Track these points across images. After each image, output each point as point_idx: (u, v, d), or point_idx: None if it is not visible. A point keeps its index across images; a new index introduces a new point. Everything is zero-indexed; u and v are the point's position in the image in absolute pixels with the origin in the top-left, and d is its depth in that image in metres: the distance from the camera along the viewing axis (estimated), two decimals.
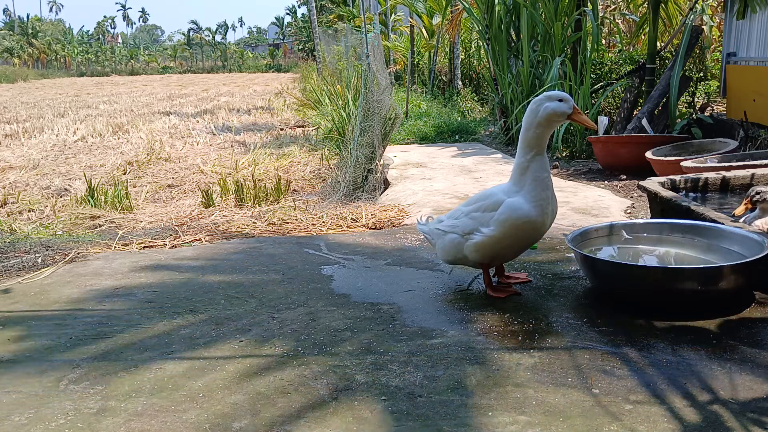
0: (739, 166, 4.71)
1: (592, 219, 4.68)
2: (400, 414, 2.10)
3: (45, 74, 53.91)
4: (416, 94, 15.56)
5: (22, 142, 11.49)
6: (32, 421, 2.13)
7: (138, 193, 7.16)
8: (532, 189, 2.95)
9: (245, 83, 33.61)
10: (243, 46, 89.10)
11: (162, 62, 74.06)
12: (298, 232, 4.74)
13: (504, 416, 2.07)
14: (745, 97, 7.16)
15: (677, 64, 7.32)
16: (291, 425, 2.06)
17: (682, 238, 3.33)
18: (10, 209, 6.50)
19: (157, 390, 2.31)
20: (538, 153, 2.98)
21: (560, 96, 2.94)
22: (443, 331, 2.74)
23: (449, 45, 16.19)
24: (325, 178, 7.80)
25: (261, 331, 2.80)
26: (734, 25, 7.62)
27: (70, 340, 2.77)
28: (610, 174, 6.67)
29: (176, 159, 9.30)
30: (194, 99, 21.86)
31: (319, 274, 3.58)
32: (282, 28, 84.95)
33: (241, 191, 6.35)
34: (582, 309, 2.94)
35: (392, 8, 20.00)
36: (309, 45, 46.50)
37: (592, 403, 2.13)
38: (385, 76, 7.42)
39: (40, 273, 3.75)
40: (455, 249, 3.14)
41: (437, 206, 5.31)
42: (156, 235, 4.79)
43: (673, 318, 2.76)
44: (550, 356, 2.47)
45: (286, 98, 19.50)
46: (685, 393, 2.17)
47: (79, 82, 41.48)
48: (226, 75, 53.29)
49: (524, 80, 8.83)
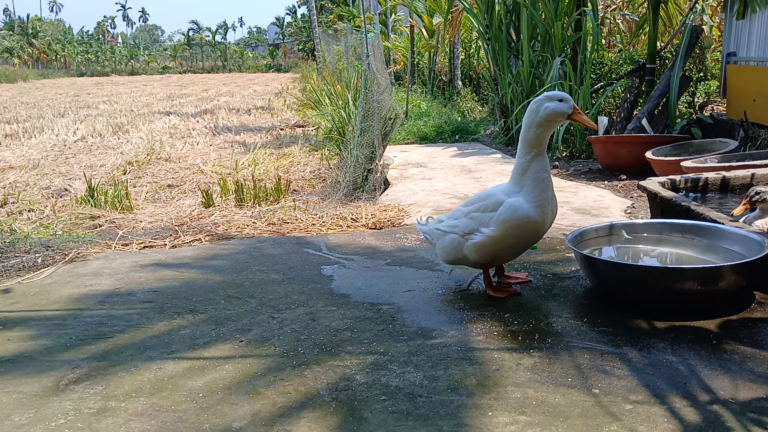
0: (739, 166, 4.70)
1: (592, 219, 4.68)
2: (400, 414, 2.10)
3: (45, 74, 53.93)
4: (416, 94, 15.56)
5: (22, 142, 11.49)
6: (32, 421, 2.13)
7: (138, 193, 7.16)
8: (532, 189, 2.95)
9: (245, 83, 33.61)
10: (243, 46, 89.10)
11: (162, 62, 74.06)
12: (298, 232, 4.74)
13: (504, 416, 2.07)
14: (745, 97, 7.16)
15: (677, 64, 7.32)
16: (291, 425, 2.06)
17: (682, 238, 3.33)
18: (10, 209, 6.50)
19: (157, 390, 2.31)
20: (539, 153, 2.98)
21: (560, 96, 2.94)
22: (443, 331, 2.74)
23: (449, 45, 16.19)
24: (325, 178, 7.80)
25: (261, 331, 2.80)
26: (734, 25, 7.62)
27: (70, 340, 2.77)
28: (610, 174, 6.67)
29: (176, 159, 9.30)
30: (194, 99, 21.86)
31: (319, 274, 3.58)
32: (282, 28, 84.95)
33: (241, 191, 6.35)
34: (582, 309, 2.94)
35: (392, 8, 20.00)
36: (309, 45, 46.51)
37: (592, 403, 2.13)
38: (386, 76, 7.42)
39: (40, 273, 3.75)
40: (455, 249, 3.14)
41: (437, 206, 5.31)
42: (156, 235, 4.79)
43: (673, 318, 2.76)
44: (550, 356, 2.47)
45: (286, 98, 19.50)
46: (685, 393, 2.17)
47: (79, 82, 41.48)
48: (226, 75, 53.29)
49: (524, 80, 8.83)
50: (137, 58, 74.10)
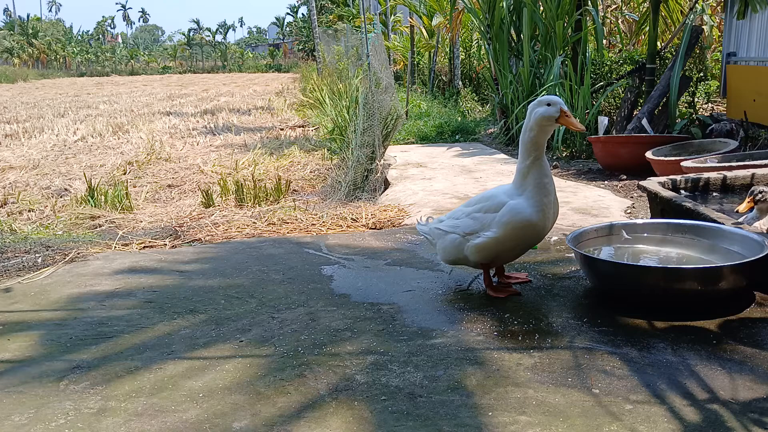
0: (740, 166, 4.70)
1: (592, 219, 4.68)
2: (400, 414, 2.10)
3: (45, 74, 53.90)
4: (416, 94, 15.56)
5: (22, 142, 11.49)
6: (32, 421, 2.13)
7: (138, 193, 7.16)
8: (534, 194, 2.97)
9: (245, 83, 33.60)
10: (243, 46, 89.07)
11: (162, 62, 74.03)
12: (298, 232, 4.74)
13: (504, 416, 2.07)
14: (745, 97, 7.16)
15: (677, 64, 7.31)
16: (291, 425, 2.06)
17: (682, 238, 3.33)
18: (10, 209, 6.50)
19: (157, 390, 2.31)
20: (537, 157, 3.00)
21: (548, 100, 2.99)
22: (443, 331, 2.74)
23: (449, 45, 16.18)
24: (325, 178, 7.80)
25: (261, 331, 2.80)
26: (734, 25, 7.62)
27: (70, 341, 2.77)
28: (610, 174, 6.66)
29: (176, 159, 9.30)
30: (194, 99, 21.86)
31: (319, 274, 3.58)
32: (282, 28, 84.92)
33: (241, 191, 6.35)
34: (582, 309, 2.94)
35: (392, 8, 20.00)
36: (309, 45, 46.45)
37: (592, 403, 2.13)
38: (388, 74, 7.42)
39: (40, 273, 3.75)
40: (456, 249, 3.14)
41: (437, 206, 5.31)
42: (156, 235, 4.79)
43: (673, 318, 2.76)
44: (550, 356, 2.47)
45: (287, 98, 19.50)
46: (686, 393, 2.17)
47: (79, 82, 41.47)
48: (226, 75, 53.27)
49: (525, 80, 8.83)
50: (137, 58, 74.03)
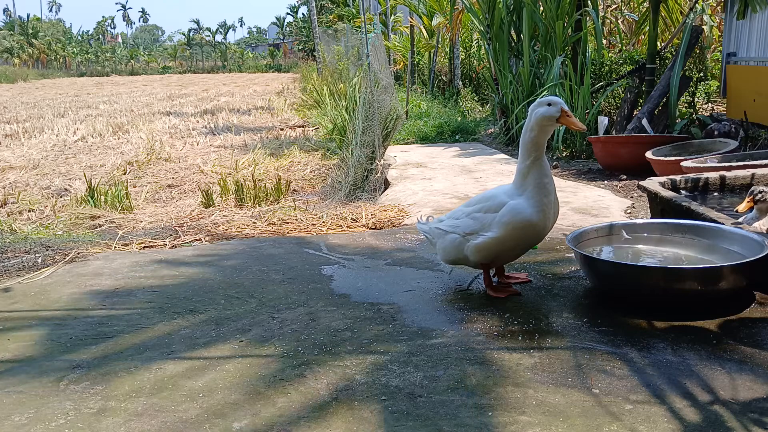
0: (739, 166, 4.70)
1: (592, 219, 4.68)
2: (400, 414, 2.10)
3: (45, 74, 53.90)
4: (416, 94, 15.56)
5: (22, 142, 11.49)
6: (32, 421, 2.13)
7: (138, 193, 7.16)
8: (534, 194, 2.97)
9: (245, 83, 33.60)
10: (243, 46, 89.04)
11: (162, 62, 74.01)
12: (298, 232, 4.74)
13: (504, 416, 2.07)
14: (745, 97, 7.16)
15: (677, 64, 7.31)
16: (291, 425, 2.06)
17: (682, 238, 3.33)
18: (10, 209, 6.50)
19: (157, 390, 2.31)
20: (537, 157, 3.00)
21: (549, 101, 3.00)
22: (443, 331, 2.74)
23: (449, 45, 16.18)
24: (325, 178, 7.80)
25: (261, 331, 2.80)
26: (734, 25, 7.62)
27: (70, 340, 2.77)
28: (610, 174, 6.66)
29: (176, 159, 9.30)
30: (194, 99, 21.86)
31: (319, 274, 3.58)
32: (282, 28, 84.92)
33: (241, 191, 6.35)
34: (582, 309, 2.94)
35: (392, 8, 20.00)
36: (309, 45, 46.46)
37: (592, 403, 2.13)
38: (388, 75, 7.42)
39: (40, 273, 3.75)
40: (456, 249, 3.14)
41: (437, 206, 5.31)
42: (156, 235, 4.79)
43: (673, 318, 2.76)
44: (550, 356, 2.47)
45: (287, 98, 19.50)
46: (686, 393, 2.17)
47: (79, 82, 41.48)
48: (226, 75, 53.28)
49: (525, 80, 8.83)
50: (137, 58, 74.02)
